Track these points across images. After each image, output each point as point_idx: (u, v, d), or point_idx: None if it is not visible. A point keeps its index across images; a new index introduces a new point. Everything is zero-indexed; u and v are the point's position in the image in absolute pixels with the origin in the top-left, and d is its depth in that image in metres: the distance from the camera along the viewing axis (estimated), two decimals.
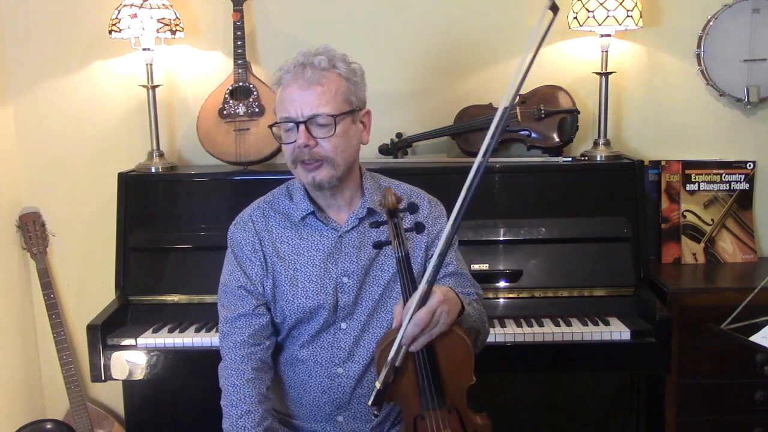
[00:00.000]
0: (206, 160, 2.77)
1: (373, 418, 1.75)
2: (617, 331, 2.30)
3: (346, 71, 1.73)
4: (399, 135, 2.77)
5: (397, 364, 1.57)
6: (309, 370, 1.80)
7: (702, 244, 2.76)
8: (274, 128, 1.76)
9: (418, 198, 1.86)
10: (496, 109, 2.70)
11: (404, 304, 1.60)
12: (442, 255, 1.54)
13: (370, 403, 1.58)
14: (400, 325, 1.57)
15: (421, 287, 1.54)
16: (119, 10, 2.57)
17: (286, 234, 1.81)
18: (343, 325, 1.79)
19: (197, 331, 2.40)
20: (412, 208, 1.63)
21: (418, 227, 1.64)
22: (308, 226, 1.81)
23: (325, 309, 1.77)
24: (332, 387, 1.79)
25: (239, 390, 1.72)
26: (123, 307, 2.51)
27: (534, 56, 1.47)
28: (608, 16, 2.53)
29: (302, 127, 1.68)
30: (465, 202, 1.51)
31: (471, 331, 1.72)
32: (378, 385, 1.57)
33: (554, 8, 1.45)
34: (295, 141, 1.69)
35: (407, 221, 1.75)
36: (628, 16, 2.53)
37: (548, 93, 2.71)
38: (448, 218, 1.55)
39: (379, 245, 1.65)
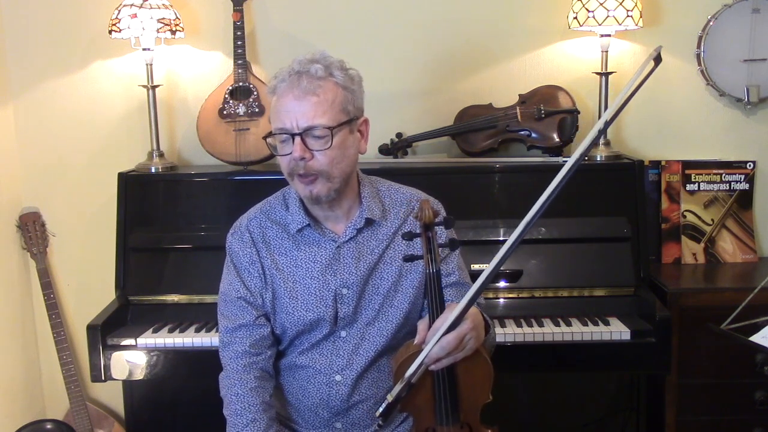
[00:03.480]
0: (206, 160, 2.76)
1: (376, 428, 1.73)
2: (617, 331, 2.30)
3: (343, 79, 1.67)
4: (399, 135, 2.77)
5: (413, 381, 1.55)
6: (308, 376, 1.79)
7: (702, 244, 2.76)
8: (269, 139, 1.71)
9: (419, 201, 1.84)
10: (496, 109, 2.75)
11: (430, 322, 1.57)
12: (488, 281, 1.48)
13: (378, 414, 1.55)
14: (423, 342, 1.55)
15: (457, 309, 1.50)
16: (119, 10, 2.57)
17: (283, 245, 1.78)
18: (343, 334, 1.78)
19: (197, 331, 2.40)
20: (448, 223, 1.58)
21: (453, 244, 1.59)
22: (305, 237, 1.78)
23: (326, 320, 1.76)
24: (330, 394, 1.77)
25: (243, 399, 1.71)
26: (123, 307, 2.51)
27: (627, 100, 1.49)
28: (608, 16, 2.53)
29: (297, 139, 1.63)
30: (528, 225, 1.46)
31: (490, 349, 1.71)
32: (389, 397, 1.54)
33: (658, 59, 1.46)
34: (290, 153, 1.65)
35: (441, 237, 1.69)
36: (628, 16, 2.53)
37: (548, 93, 2.71)
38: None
39: (410, 259, 1.60)
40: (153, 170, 2.68)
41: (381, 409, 1.55)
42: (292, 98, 1.64)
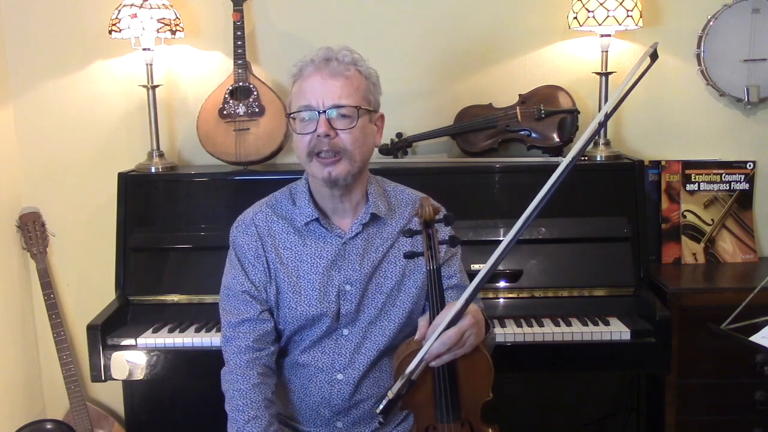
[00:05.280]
0: (206, 160, 2.76)
1: (377, 425, 1.73)
2: (617, 331, 2.30)
3: (367, 71, 1.74)
4: (399, 135, 2.77)
5: (414, 377, 1.55)
6: (310, 375, 1.79)
7: (702, 244, 2.76)
8: (290, 118, 1.73)
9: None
10: (496, 109, 2.75)
11: (430, 318, 1.58)
12: (488, 276, 1.49)
13: (378, 411, 1.55)
14: (423, 338, 1.55)
15: (457, 305, 1.51)
16: (119, 10, 2.57)
17: (289, 240, 1.79)
18: (345, 332, 1.79)
19: (197, 331, 2.40)
20: (448, 220, 1.60)
21: (453, 241, 1.61)
22: (312, 232, 1.79)
23: (328, 317, 1.76)
24: (332, 393, 1.78)
25: (245, 395, 1.70)
26: (123, 307, 2.51)
27: (626, 95, 1.49)
28: (608, 16, 2.53)
29: (323, 116, 1.66)
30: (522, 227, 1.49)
31: (490, 348, 1.72)
32: (390, 394, 1.54)
33: (654, 56, 1.48)
34: (313, 131, 1.67)
35: (442, 233, 1.71)
36: (628, 16, 2.53)
37: (548, 93, 2.71)
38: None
39: (410, 255, 1.61)
40: (153, 170, 2.68)
41: (381, 406, 1.55)
42: (319, 78, 1.68)
